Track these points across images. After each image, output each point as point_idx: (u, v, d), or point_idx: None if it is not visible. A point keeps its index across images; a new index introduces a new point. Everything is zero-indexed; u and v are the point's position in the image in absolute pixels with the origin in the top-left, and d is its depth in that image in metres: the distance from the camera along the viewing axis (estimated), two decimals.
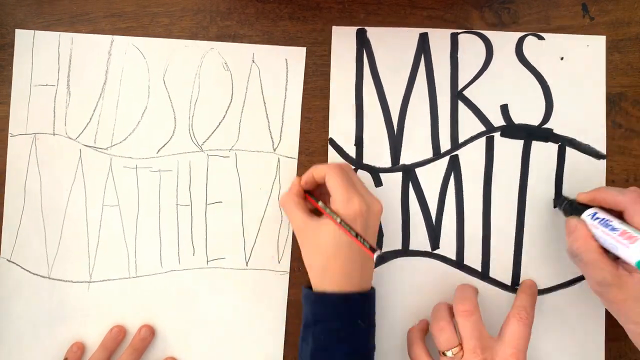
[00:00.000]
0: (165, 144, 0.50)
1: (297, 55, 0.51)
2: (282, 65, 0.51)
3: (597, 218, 0.43)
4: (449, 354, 0.45)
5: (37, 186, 0.50)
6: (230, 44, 0.51)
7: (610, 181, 0.50)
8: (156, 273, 0.50)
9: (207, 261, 0.50)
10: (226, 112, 0.51)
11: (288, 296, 0.50)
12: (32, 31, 0.51)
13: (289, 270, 0.50)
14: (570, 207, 0.46)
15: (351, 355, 0.43)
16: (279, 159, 0.51)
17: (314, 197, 0.47)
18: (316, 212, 0.46)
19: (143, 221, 0.50)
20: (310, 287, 0.45)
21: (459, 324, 0.45)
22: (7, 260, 0.50)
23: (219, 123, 0.50)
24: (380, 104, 0.51)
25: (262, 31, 0.51)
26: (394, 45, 0.51)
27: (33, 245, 0.50)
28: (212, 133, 0.50)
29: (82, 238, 0.50)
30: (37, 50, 0.51)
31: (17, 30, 0.51)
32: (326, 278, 0.44)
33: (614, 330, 0.49)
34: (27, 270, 0.50)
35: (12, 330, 0.50)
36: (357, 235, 0.42)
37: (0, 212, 0.50)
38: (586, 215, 0.44)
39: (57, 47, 0.51)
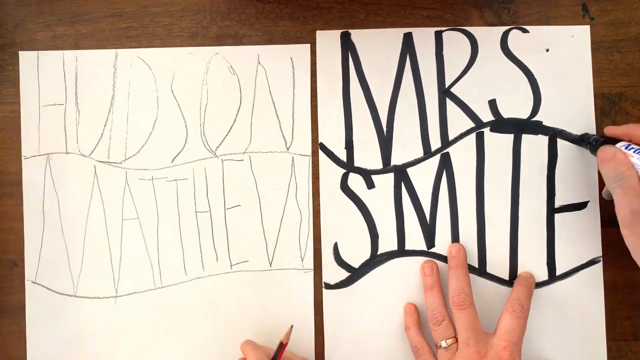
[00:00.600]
0: (179, 152, 0.50)
1: (302, 53, 0.51)
2: (287, 64, 0.51)
3: (632, 148, 0.43)
4: (443, 344, 0.45)
5: (55, 206, 0.50)
6: (234, 47, 0.51)
7: None
8: (181, 282, 0.50)
9: (231, 265, 0.50)
10: (236, 115, 0.51)
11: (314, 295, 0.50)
12: (36, 52, 0.51)
13: (312, 267, 0.50)
14: (600, 142, 0.46)
15: None
16: (292, 157, 0.51)
17: None
18: None
19: (164, 231, 0.50)
20: None
21: (454, 316, 0.46)
22: (32, 282, 0.50)
23: (230, 127, 0.51)
24: (369, 106, 0.51)
25: (262, 31, 0.51)
26: (378, 46, 0.51)
27: (56, 265, 0.50)
28: (225, 138, 0.51)
29: (104, 254, 0.50)
30: (42, 70, 0.51)
31: (20, 52, 0.51)
32: None
33: (614, 326, 0.50)
34: (52, 291, 0.50)
35: (43, 351, 0.50)
36: None
37: (21, 234, 0.50)
38: (620, 145, 0.44)
39: (62, 65, 0.51)
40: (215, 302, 0.50)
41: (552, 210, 0.50)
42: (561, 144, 0.50)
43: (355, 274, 0.50)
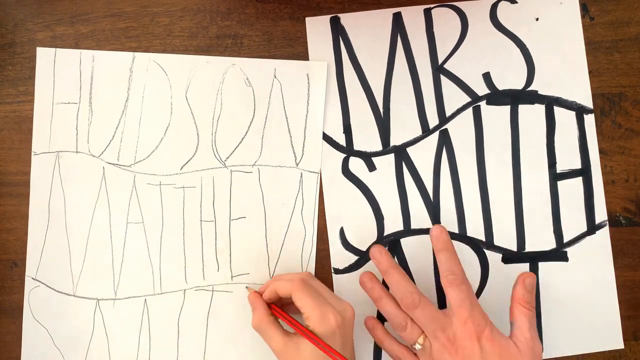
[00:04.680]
0: (189, 160, 0.50)
1: (318, 70, 0.51)
2: (303, 80, 0.51)
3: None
4: (417, 346, 0.44)
5: (61, 204, 0.50)
6: (251, 59, 0.51)
7: (610, 181, 0.51)
8: (181, 289, 0.50)
9: (232, 277, 0.50)
10: (249, 127, 0.51)
11: None
12: (54, 49, 0.51)
13: None
14: None
15: None
16: (301, 173, 0.51)
17: (282, 314, 0.46)
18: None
19: (167, 238, 0.50)
20: None
21: (414, 317, 0.45)
22: (33, 278, 0.50)
23: (242, 139, 0.51)
24: (364, 89, 0.51)
25: (262, 31, 0.51)
26: (369, 28, 0.51)
27: (58, 263, 0.50)
28: (235, 149, 0.51)
29: (106, 255, 0.50)
30: (58, 68, 0.51)
31: (38, 49, 0.51)
32: None
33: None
34: (52, 289, 0.50)
35: (39, 348, 0.50)
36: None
37: (25, 231, 0.50)
38: None
39: (79, 64, 0.51)
40: (214, 312, 0.50)
41: (554, 177, 0.50)
42: (558, 111, 0.51)
43: (363, 257, 0.50)
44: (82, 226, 0.50)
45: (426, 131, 0.51)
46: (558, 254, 0.50)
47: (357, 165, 0.51)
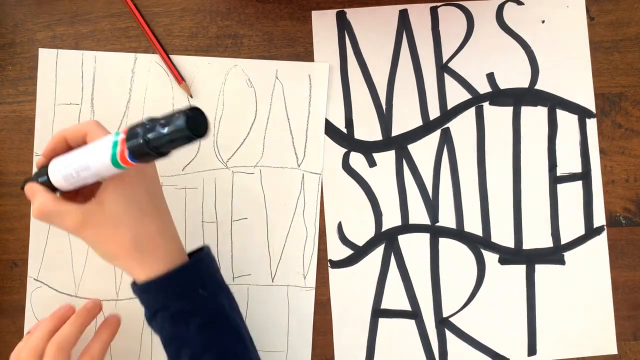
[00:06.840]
0: (191, 161, 0.50)
1: (320, 71, 0.51)
2: (305, 81, 0.51)
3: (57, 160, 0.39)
4: None
5: None
6: (253, 60, 0.51)
7: (610, 181, 0.51)
8: None
9: (233, 278, 0.50)
10: (250, 128, 0.51)
11: (314, 313, 0.50)
12: (55, 50, 0.51)
13: (314, 287, 0.50)
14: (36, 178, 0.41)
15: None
16: (303, 174, 0.51)
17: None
18: None
19: None
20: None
21: None
22: (35, 279, 0.50)
23: (244, 140, 0.51)
24: (367, 84, 0.51)
25: (262, 31, 0.51)
26: (374, 24, 0.51)
27: (59, 264, 0.50)
28: (237, 150, 0.51)
29: None
30: (60, 69, 0.51)
31: (40, 50, 0.51)
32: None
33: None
34: (54, 290, 0.50)
35: None
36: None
37: (25, 230, 0.50)
38: (51, 170, 0.39)
39: (81, 65, 0.51)
40: None
41: (554, 180, 0.50)
42: (560, 114, 0.51)
43: (360, 251, 0.50)
44: None
45: (428, 129, 0.51)
46: (555, 258, 0.50)
47: (357, 161, 0.51)
